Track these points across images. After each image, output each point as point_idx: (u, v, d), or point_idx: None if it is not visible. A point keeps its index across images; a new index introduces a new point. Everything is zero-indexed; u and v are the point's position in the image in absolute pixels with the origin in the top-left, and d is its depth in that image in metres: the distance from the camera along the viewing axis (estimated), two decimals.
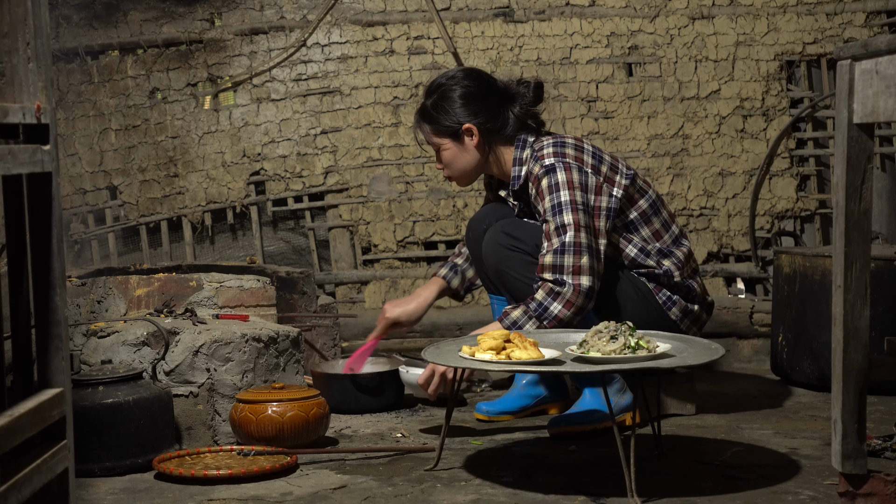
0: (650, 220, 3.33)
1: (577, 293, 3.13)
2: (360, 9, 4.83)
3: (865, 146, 2.13)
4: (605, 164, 3.29)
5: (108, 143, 4.83)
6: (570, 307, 3.13)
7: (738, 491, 2.63)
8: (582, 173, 3.22)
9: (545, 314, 3.14)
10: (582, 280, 3.14)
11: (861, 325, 2.15)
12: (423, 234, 4.82)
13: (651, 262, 3.31)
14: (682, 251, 3.36)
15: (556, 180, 3.21)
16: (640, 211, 3.32)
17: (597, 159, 3.28)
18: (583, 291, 3.14)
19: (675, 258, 3.34)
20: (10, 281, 1.73)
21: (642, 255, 3.31)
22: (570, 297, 3.13)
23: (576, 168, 3.22)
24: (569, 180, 3.20)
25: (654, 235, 3.34)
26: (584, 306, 3.15)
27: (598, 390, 3.29)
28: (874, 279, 2.95)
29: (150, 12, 4.82)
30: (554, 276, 3.15)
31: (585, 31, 4.81)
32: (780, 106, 4.79)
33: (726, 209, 4.78)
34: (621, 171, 3.31)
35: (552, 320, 3.13)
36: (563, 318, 3.14)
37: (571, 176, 3.20)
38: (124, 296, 3.51)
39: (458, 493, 2.65)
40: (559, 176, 3.21)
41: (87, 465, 2.84)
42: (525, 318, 3.15)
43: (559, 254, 3.16)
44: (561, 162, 3.23)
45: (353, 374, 3.62)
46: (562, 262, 3.15)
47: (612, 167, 3.30)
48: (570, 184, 3.20)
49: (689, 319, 3.35)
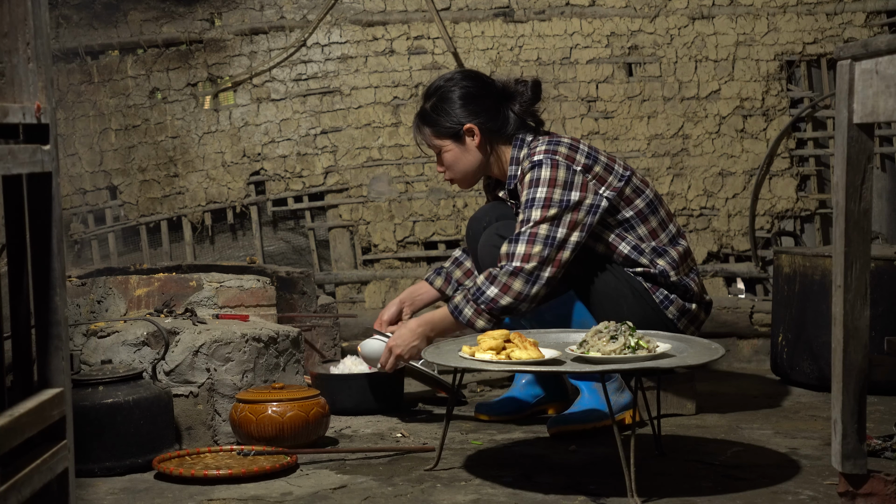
0: (647, 219, 3.33)
1: (514, 277, 3.13)
2: (360, 9, 4.83)
3: (865, 146, 2.13)
4: (600, 165, 3.28)
5: (108, 143, 4.83)
6: (506, 290, 3.13)
7: (738, 491, 2.63)
8: (569, 171, 3.22)
9: (481, 297, 3.15)
10: (526, 266, 3.13)
11: (861, 325, 2.15)
12: (423, 234, 4.82)
13: (645, 261, 3.30)
14: (678, 250, 3.36)
15: (537, 176, 3.22)
16: (637, 210, 3.32)
17: (591, 159, 3.28)
18: (522, 275, 3.13)
19: (671, 257, 3.33)
20: (10, 281, 1.73)
21: (636, 253, 3.30)
22: (506, 281, 3.13)
23: (563, 166, 3.22)
24: (551, 177, 3.20)
25: (651, 234, 3.33)
26: (525, 291, 3.14)
27: (597, 389, 3.29)
28: (874, 279, 2.95)
29: (150, 12, 4.82)
30: (504, 263, 3.17)
31: (585, 31, 4.81)
32: (780, 106, 4.79)
33: (726, 209, 4.79)
34: (616, 173, 3.30)
35: (488, 304, 3.14)
36: (500, 303, 3.14)
37: (556, 173, 3.21)
38: (124, 296, 3.51)
39: (458, 493, 2.65)
40: (542, 172, 3.21)
41: (87, 465, 2.84)
42: (464, 301, 3.19)
43: (513, 243, 3.18)
44: (549, 159, 3.23)
45: (354, 375, 3.62)
46: (513, 251, 3.16)
47: (606, 168, 3.29)
48: (551, 181, 3.20)
49: (686, 318, 3.35)
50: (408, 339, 3.30)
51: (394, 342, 3.31)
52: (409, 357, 3.33)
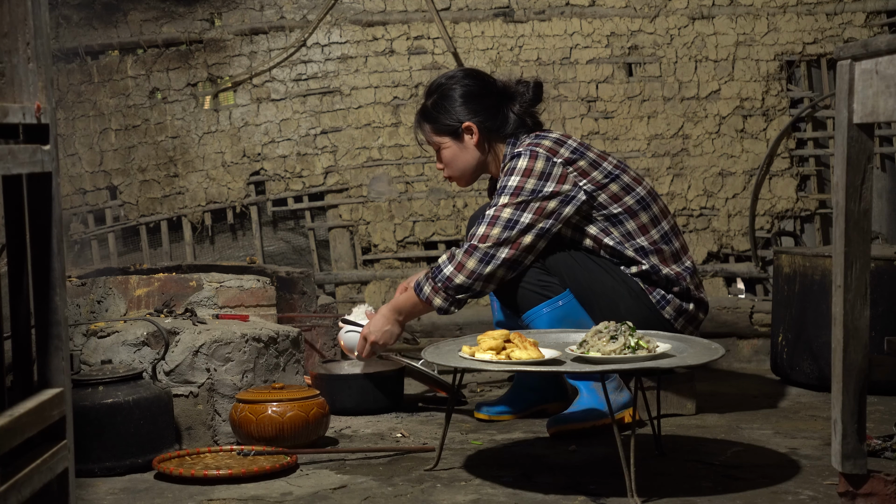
0: (636, 215, 3.31)
1: (469, 255, 3.19)
2: (360, 9, 4.83)
3: (865, 146, 2.13)
4: (585, 160, 3.28)
5: (108, 143, 4.83)
6: (460, 269, 3.19)
7: (738, 491, 2.63)
8: (548, 162, 3.23)
9: (439, 275, 3.23)
10: (481, 245, 3.19)
11: (861, 325, 2.15)
12: (423, 234, 4.82)
13: (630, 253, 3.28)
14: (671, 248, 3.34)
15: (514, 165, 3.27)
16: (626, 207, 3.30)
17: (577, 154, 3.27)
18: (477, 253, 3.19)
19: (662, 254, 3.32)
20: (10, 281, 1.73)
21: (621, 246, 3.29)
22: (461, 259, 3.20)
23: (543, 157, 3.24)
24: (527, 168, 3.24)
25: (640, 230, 3.32)
26: (476, 270, 3.19)
27: (596, 389, 3.29)
28: (874, 279, 2.95)
29: (150, 12, 4.82)
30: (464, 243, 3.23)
31: (585, 31, 4.81)
32: (780, 106, 4.79)
33: (726, 209, 4.78)
34: (602, 169, 3.29)
35: (444, 281, 3.21)
36: (455, 281, 3.20)
37: (533, 164, 3.23)
38: (124, 296, 3.51)
39: (458, 493, 2.65)
40: (519, 162, 3.26)
41: (87, 465, 2.84)
42: (425, 279, 3.27)
43: (477, 224, 3.24)
44: (529, 150, 3.26)
45: (353, 375, 3.62)
46: (474, 231, 3.23)
47: (592, 164, 3.28)
48: (526, 171, 3.23)
49: (683, 318, 3.34)
50: (380, 324, 3.38)
51: (367, 330, 3.40)
52: (384, 343, 3.40)
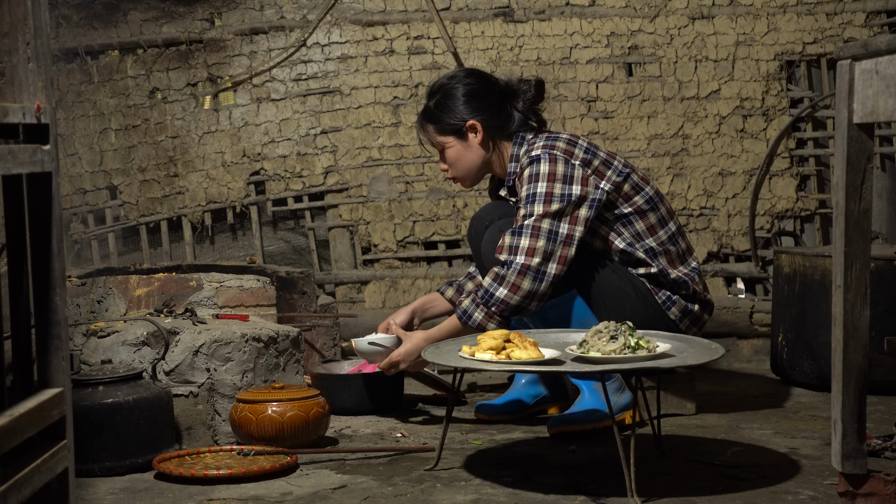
0: (645, 216, 3.32)
1: (523, 275, 3.12)
2: (360, 9, 4.83)
3: (865, 146, 2.13)
4: (598, 160, 3.28)
5: (108, 143, 4.83)
6: (515, 290, 3.12)
7: (738, 491, 2.63)
8: (568, 165, 3.22)
9: (491, 300, 3.14)
10: (532, 261, 3.13)
11: (861, 325, 2.15)
12: (423, 233, 4.82)
13: (640, 255, 3.30)
14: (678, 248, 3.36)
15: (536, 171, 3.22)
16: (636, 206, 3.32)
17: (590, 154, 3.28)
18: (530, 273, 3.12)
19: (670, 255, 3.33)
20: (10, 281, 1.73)
21: (632, 248, 3.30)
22: (515, 280, 3.12)
23: (562, 160, 3.22)
24: (550, 172, 3.20)
25: (649, 230, 3.33)
26: (534, 290, 3.13)
27: (598, 389, 3.29)
28: (874, 279, 2.95)
29: (150, 12, 4.82)
30: (507, 256, 3.15)
31: (585, 31, 4.81)
32: (780, 106, 4.79)
33: (726, 209, 4.78)
34: (615, 168, 3.30)
35: (499, 305, 3.13)
36: (511, 303, 3.13)
37: (554, 168, 3.21)
38: (124, 296, 3.51)
39: (458, 493, 2.65)
40: (541, 167, 3.21)
41: (87, 465, 2.84)
42: (473, 306, 3.17)
43: (516, 235, 3.16)
44: (547, 153, 3.23)
45: (352, 375, 3.62)
46: (517, 244, 3.15)
47: (604, 163, 3.29)
48: (550, 175, 3.20)
49: (688, 319, 3.35)
50: (413, 353, 3.32)
51: (399, 356, 3.33)
52: (412, 370, 3.41)
